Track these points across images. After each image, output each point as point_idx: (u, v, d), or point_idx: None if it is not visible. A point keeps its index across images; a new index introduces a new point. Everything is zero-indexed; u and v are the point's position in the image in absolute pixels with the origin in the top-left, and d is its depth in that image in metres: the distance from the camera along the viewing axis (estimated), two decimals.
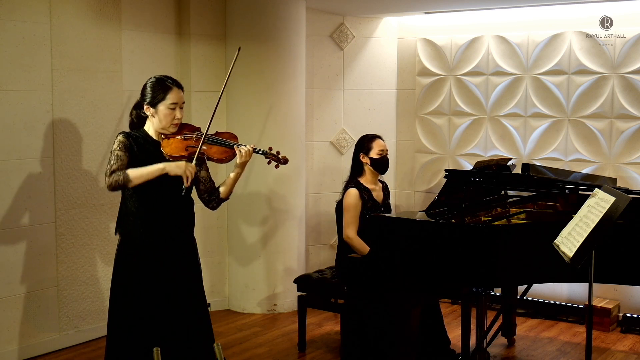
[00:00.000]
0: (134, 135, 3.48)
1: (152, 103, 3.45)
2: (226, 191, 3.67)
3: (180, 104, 3.50)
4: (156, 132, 3.51)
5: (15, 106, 4.55)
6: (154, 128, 3.51)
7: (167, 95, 3.45)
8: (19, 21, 4.53)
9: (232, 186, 3.67)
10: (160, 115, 3.46)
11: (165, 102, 3.45)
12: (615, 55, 5.33)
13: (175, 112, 3.47)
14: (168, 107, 3.45)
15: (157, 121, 3.47)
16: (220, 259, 5.85)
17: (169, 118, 3.46)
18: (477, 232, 3.77)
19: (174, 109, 3.47)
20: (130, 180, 3.36)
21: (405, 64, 6.31)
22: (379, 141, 4.75)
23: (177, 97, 3.47)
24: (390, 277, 3.98)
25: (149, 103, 3.46)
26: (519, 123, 5.78)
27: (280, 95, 5.62)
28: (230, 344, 5.02)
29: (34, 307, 4.72)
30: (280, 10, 5.55)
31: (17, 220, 4.60)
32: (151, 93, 3.46)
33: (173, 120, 3.47)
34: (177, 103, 3.47)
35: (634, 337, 5.18)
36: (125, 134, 3.46)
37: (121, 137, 3.44)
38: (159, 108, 3.45)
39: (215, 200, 3.68)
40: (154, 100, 3.45)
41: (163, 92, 3.45)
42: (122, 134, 3.46)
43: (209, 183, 3.66)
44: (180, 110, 3.50)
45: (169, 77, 3.53)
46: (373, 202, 4.69)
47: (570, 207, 4.23)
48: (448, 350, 4.59)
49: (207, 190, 3.66)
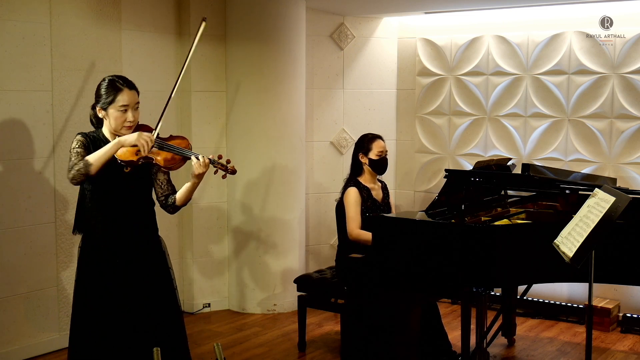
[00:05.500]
0: (91, 136, 3.42)
1: (103, 105, 3.38)
2: (182, 199, 3.54)
3: (133, 106, 3.40)
4: (111, 133, 3.44)
5: (15, 106, 4.55)
6: (108, 129, 3.44)
7: (117, 97, 3.36)
8: (19, 21, 4.53)
9: (188, 195, 3.53)
10: (110, 118, 3.38)
11: (115, 105, 3.36)
12: (615, 55, 5.33)
13: (127, 115, 3.39)
14: (118, 109, 3.36)
15: (108, 124, 3.41)
16: (220, 259, 5.85)
17: (119, 120, 3.38)
18: (477, 232, 3.77)
19: (125, 112, 3.38)
20: (91, 164, 3.26)
21: (405, 64, 6.31)
22: (379, 142, 4.75)
23: (129, 99, 3.38)
24: (390, 277, 3.98)
25: (100, 105, 3.39)
26: (519, 123, 5.78)
27: (280, 95, 5.62)
28: (230, 344, 5.02)
29: (34, 307, 4.72)
30: (280, 10, 5.55)
31: (17, 220, 4.60)
32: (102, 95, 3.38)
33: (124, 122, 3.39)
34: (128, 105, 3.38)
35: (634, 337, 5.18)
36: (83, 135, 3.41)
37: (79, 137, 3.39)
38: (109, 111, 3.37)
39: (171, 205, 3.56)
40: (104, 103, 3.38)
41: (114, 94, 3.36)
42: (80, 134, 3.41)
43: (167, 186, 3.55)
44: (133, 112, 3.40)
45: (121, 77, 3.43)
46: (372, 201, 4.70)
47: (570, 207, 4.23)
48: (448, 351, 4.58)
49: (164, 194, 3.55)
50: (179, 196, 3.53)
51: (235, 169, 3.54)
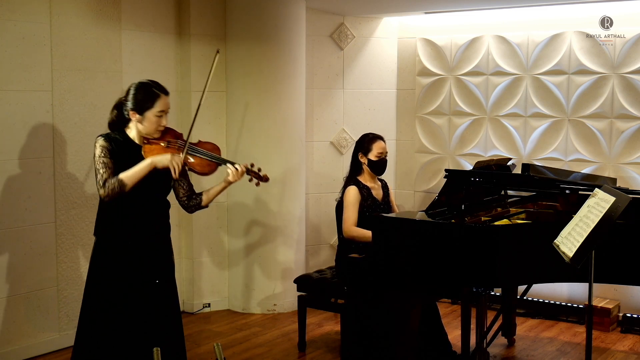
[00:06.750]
0: (115, 138, 3.42)
1: (139, 110, 3.40)
2: (208, 200, 3.67)
3: (167, 111, 3.46)
4: (138, 135, 3.46)
5: (15, 106, 4.55)
6: (137, 131, 3.45)
7: (155, 103, 3.40)
8: (19, 21, 4.53)
9: (214, 197, 3.68)
10: (146, 122, 3.41)
11: (154, 110, 3.40)
12: (615, 55, 5.33)
13: (162, 120, 3.44)
14: (156, 114, 3.41)
15: (143, 127, 3.42)
16: (220, 259, 5.85)
17: (155, 125, 3.42)
18: (477, 232, 3.77)
19: (161, 117, 3.43)
20: (126, 185, 3.32)
21: (405, 64, 6.31)
22: (379, 143, 4.74)
23: (165, 105, 3.44)
24: (390, 277, 3.98)
25: (136, 109, 3.40)
26: (519, 123, 5.78)
27: (280, 95, 5.62)
28: (230, 344, 5.02)
29: (34, 307, 4.72)
30: (280, 10, 5.55)
31: (17, 220, 4.60)
32: (139, 99, 3.39)
33: (159, 127, 3.44)
34: (164, 111, 3.44)
35: (634, 337, 5.18)
36: (105, 138, 3.39)
37: (102, 142, 3.37)
38: (146, 115, 3.40)
39: (195, 206, 3.66)
40: (141, 108, 3.39)
41: (151, 100, 3.39)
42: (103, 137, 3.39)
43: (188, 187, 3.64)
44: (166, 117, 3.46)
45: (156, 84, 3.47)
46: (373, 200, 4.69)
47: (570, 207, 4.23)
48: (448, 351, 4.58)
49: (187, 194, 3.64)
50: (206, 198, 3.65)
51: (268, 176, 3.68)
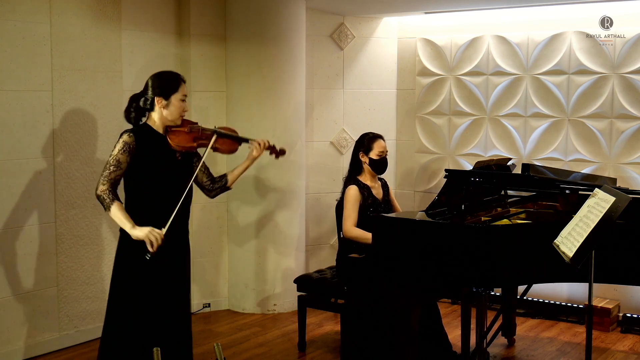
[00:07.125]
0: (139, 132, 3.46)
1: (165, 94, 3.49)
2: (233, 180, 3.82)
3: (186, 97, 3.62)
4: (162, 125, 3.53)
5: (15, 106, 4.55)
6: (160, 121, 3.52)
7: (179, 88, 3.53)
8: (19, 21, 4.53)
9: (239, 176, 3.83)
10: (172, 107, 3.51)
11: (179, 94, 3.52)
12: (615, 55, 5.33)
13: (185, 104, 3.57)
14: (180, 98, 3.53)
15: (169, 113, 3.50)
16: (220, 259, 5.85)
17: (179, 110, 3.54)
18: (477, 232, 3.77)
19: (184, 101, 3.56)
20: (110, 212, 3.38)
21: (405, 64, 6.31)
22: (379, 142, 4.74)
23: (186, 90, 3.60)
24: (390, 277, 3.98)
25: (162, 94, 3.49)
26: (519, 123, 5.78)
27: (280, 95, 5.62)
28: (230, 344, 5.02)
29: (34, 307, 4.72)
30: (280, 10, 5.55)
31: (17, 220, 4.60)
32: (163, 85, 3.50)
33: (182, 111, 3.56)
34: (186, 95, 3.59)
35: (634, 337, 5.18)
36: (130, 133, 3.43)
37: (126, 137, 3.41)
38: (171, 100, 3.51)
39: (220, 188, 3.80)
40: (167, 92, 3.50)
41: (175, 84, 3.53)
42: (128, 133, 3.43)
43: (207, 170, 3.77)
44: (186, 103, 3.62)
45: (175, 72, 3.64)
46: (373, 199, 4.69)
47: (570, 207, 4.23)
48: (448, 351, 4.58)
49: (210, 178, 3.77)
50: (231, 177, 3.82)
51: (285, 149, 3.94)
